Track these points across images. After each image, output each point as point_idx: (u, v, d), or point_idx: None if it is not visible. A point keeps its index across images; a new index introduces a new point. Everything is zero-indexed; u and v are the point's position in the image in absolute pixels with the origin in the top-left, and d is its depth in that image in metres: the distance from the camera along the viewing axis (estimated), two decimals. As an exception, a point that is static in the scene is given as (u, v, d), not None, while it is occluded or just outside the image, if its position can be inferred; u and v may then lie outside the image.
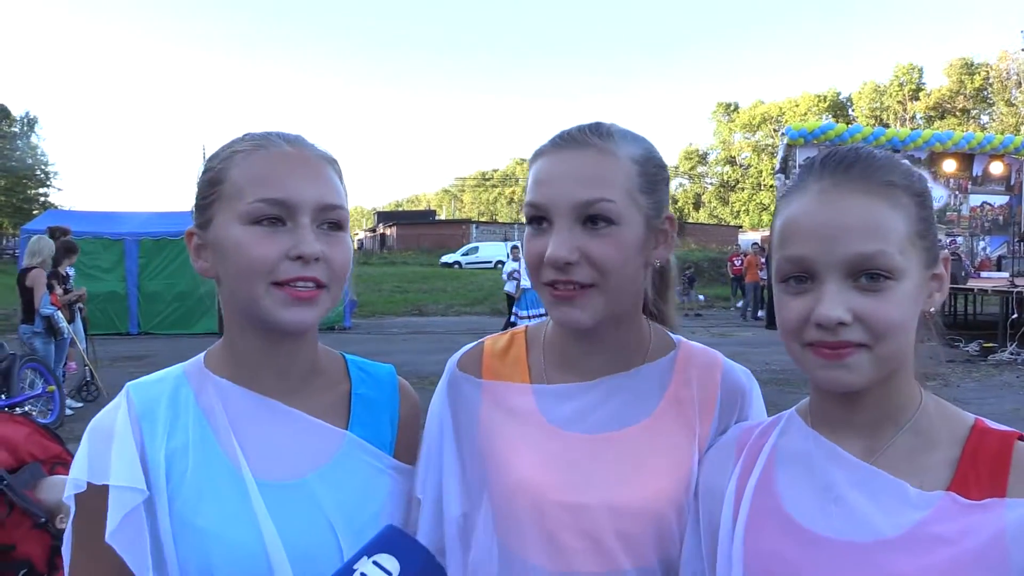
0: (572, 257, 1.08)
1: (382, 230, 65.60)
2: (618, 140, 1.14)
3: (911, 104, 59.76)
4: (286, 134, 1.13)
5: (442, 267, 39.88)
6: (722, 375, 1.22)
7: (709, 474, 1.13)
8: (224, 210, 1.06)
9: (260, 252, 1.02)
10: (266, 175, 1.05)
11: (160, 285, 15.34)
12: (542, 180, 1.13)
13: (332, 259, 1.06)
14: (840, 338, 0.91)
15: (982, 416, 1.03)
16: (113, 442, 1.05)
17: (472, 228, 56.15)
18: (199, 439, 1.07)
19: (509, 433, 1.20)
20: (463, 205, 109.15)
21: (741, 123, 71.18)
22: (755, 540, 1.01)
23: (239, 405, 1.10)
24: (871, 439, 0.99)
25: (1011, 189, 19.68)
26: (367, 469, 1.15)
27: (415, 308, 22.00)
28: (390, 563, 0.99)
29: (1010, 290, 13.47)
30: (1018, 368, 11.72)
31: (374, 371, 1.27)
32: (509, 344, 1.29)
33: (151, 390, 1.12)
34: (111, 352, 12.18)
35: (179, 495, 1.04)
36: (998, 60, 55.34)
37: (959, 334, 14.67)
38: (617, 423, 1.17)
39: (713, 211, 74.18)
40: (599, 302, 1.11)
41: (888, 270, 0.90)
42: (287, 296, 1.03)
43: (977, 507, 0.90)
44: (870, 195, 0.93)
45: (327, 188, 1.09)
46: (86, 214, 17.99)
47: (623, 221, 1.10)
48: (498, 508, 1.18)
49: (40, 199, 54.20)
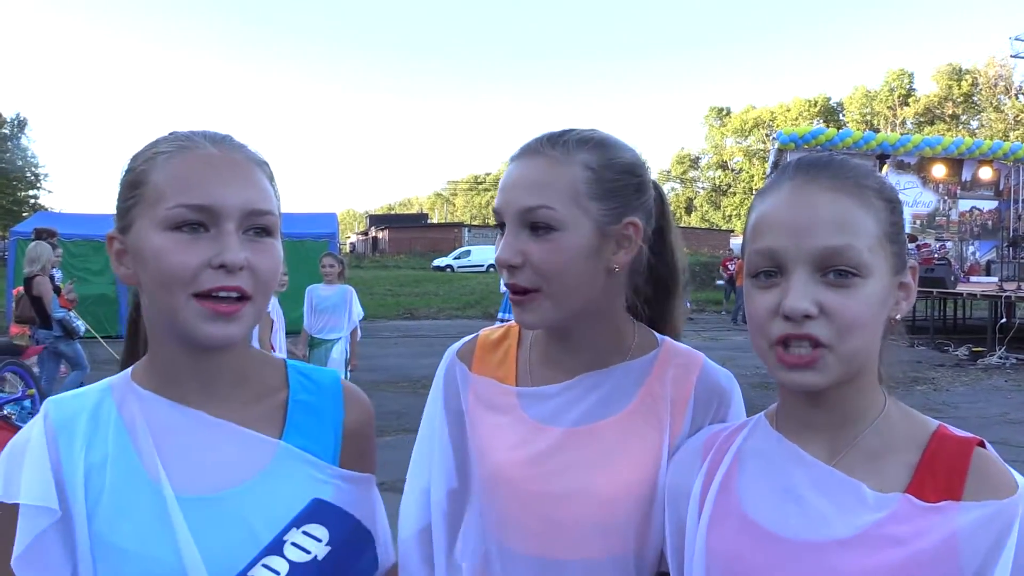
0: (514, 260, 1.14)
1: (374, 233, 65.59)
2: (573, 148, 1.17)
3: (901, 110, 60.15)
4: (213, 133, 1.06)
5: (434, 271, 39.87)
6: (699, 375, 1.24)
7: (676, 475, 1.15)
8: (144, 215, 1.00)
9: (180, 260, 0.96)
10: (188, 178, 0.99)
11: (150, 288, 15.26)
12: (501, 187, 1.20)
13: (258, 267, 1.00)
14: (804, 331, 0.92)
15: (971, 420, 1.04)
16: (25, 460, 0.99)
17: (464, 232, 56.18)
18: (118, 453, 1.01)
19: (491, 424, 1.25)
20: (455, 209, 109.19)
21: (733, 128, 71.50)
22: (716, 540, 1.03)
23: (162, 417, 1.04)
24: (833, 441, 1.00)
25: (1000, 194, 19.85)
26: (304, 479, 1.07)
27: (406, 312, 21.97)
28: (319, 531, 0.99)
29: (999, 294, 13.57)
30: (1007, 372, 11.80)
31: (317, 377, 1.19)
32: (503, 338, 1.35)
33: (71, 404, 1.06)
34: (101, 355, 12.10)
35: (97, 513, 0.98)
36: (986, 66, 55.81)
37: (948, 338, 14.77)
38: (593, 418, 1.21)
39: (705, 215, 74.43)
40: (545, 306, 1.15)
41: (856, 266, 0.92)
42: (208, 310, 0.97)
43: (931, 509, 0.91)
44: (841, 192, 0.95)
45: (254, 192, 1.02)
46: (76, 216, 17.89)
47: (565, 227, 1.13)
48: (482, 494, 1.25)
49: (30, 201, 53.88)
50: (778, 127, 45.56)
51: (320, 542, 0.98)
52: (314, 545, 0.98)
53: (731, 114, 72.89)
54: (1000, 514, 0.89)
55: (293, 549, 0.98)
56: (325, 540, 0.99)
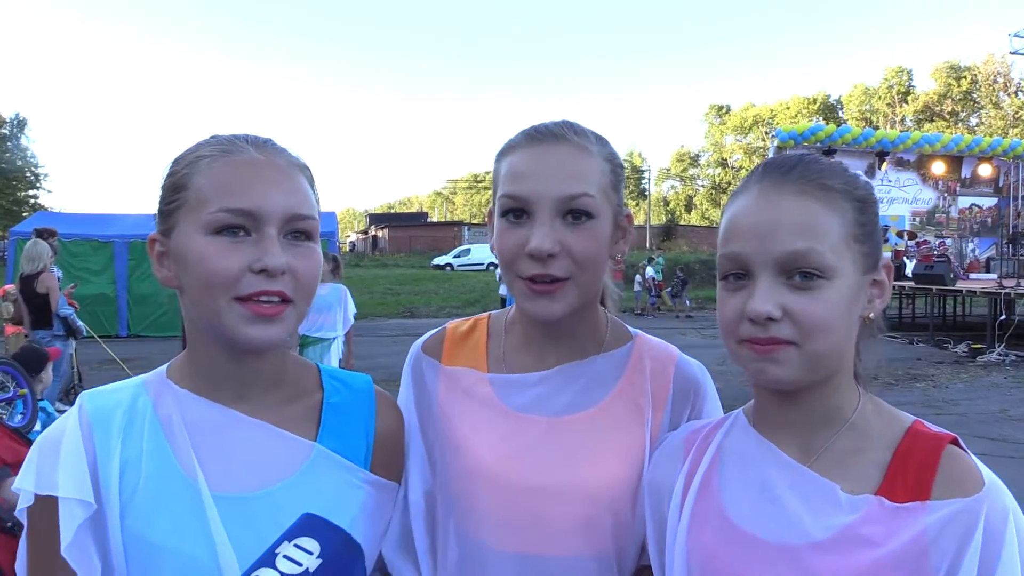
0: (555, 249, 1.11)
1: (374, 232, 65.56)
2: (591, 138, 1.18)
3: (900, 107, 60.13)
4: (255, 137, 1.07)
5: (434, 269, 39.86)
6: (675, 368, 1.26)
7: (656, 471, 1.16)
8: (186, 218, 1.00)
9: (222, 264, 0.97)
10: (231, 183, 1.00)
11: (150, 287, 15.24)
12: (522, 173, 1.14)
13: (299, 272, 1.01)
14: (770, 333, 0.94)
15: (970, 417, 1.05)
16: (61, 452, 1.00)
17: (464, 230, 56.15)
18: (154, 449, 1.02)
19: (466, 416, 1.23)
20: (455, 207, 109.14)
21: (732, 125, 71.48)
22: (696, 539, 1.04)
23: (199, 415, 1.05)
24: (807, 440, 1.01)
25: (999, 191, 19.85)
26: (337, 482, 1.08)
27: (406, 310, 21.98)
28: (310, 544, 1.00)
29: (998, 291, 13.57)
30: (1006, 369, 11.81)
31: (350, 381, 1.20)
32: (471, 329, 1.33)
33: (107, 399, 1.07)
34: (100, 355, 12.11)
35: (131, 508, 0.99)
36: (984, 63, 55.78)
37: (948, 335, 14.77)
38: (575, 408, 1.21)
39: (705, 213, 74.39)
40: (573, 295, 1.14)
41: (819, 269, 0.93)
42: (250, 312, 0.98)
43: (901, 510, 0.92)
44: (805, 195, 0.96)
45: (296, 197, 1.03)
46: (76, 216, 17.92)
47: (599, 215, 1.14)
48: (455, 491, 1.20)
49: (30, 201, 53.88)
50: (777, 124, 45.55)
51: (311, 555, 0.99)
52: (306, 558, 0.99)
53: (731, 112, 72.85)
54: (965, 512, 0.90)
55: (285, 562, 0.98)
56: (316, 553, 0.99)
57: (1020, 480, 0.97)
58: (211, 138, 1.07)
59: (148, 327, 15.32)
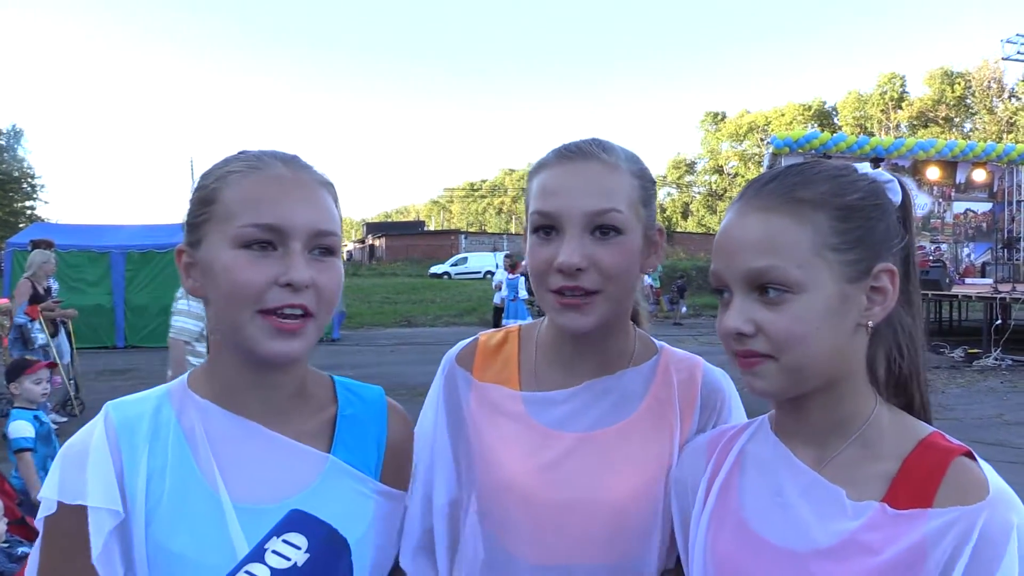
0: (584, 264, 1.13)
1: (371, 241, 65.51)
2: (620, 155, 1.21)
3: (895, 113, 60.37)
4: (283, 154, 1.10)
5: (431, 278, 39.85)
6: (702, 378, 1.28)
7: (681, 470, 1.18)
8: (215, 231, 1.03)
9: (248, 277, 1.00)
10: (259, 198, 1.03)
11: (147, 298, 15.23)
12: (551, 190, 1.18)
13: (322, 286, 1.04)
14: (746, 347, 0.97)
15: (966, 422, 1.05)
16: (88, 461, 1.02)
17: (461, 239, 56.19)
18: (178, 460, 1.05)
19: (498, 431, 1.25)
20: (452, 216, 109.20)
21: (728, 132, 71.63)
22: (714, 541, 1.06)
23: (220, 427, 1.08)
24: (820, 448, 1.02)
25: (994, 196, 19.92)
26: (350, 493, 1.12)
27: (404, 319, 21.96)
28: (298, 539, 1.02)
29: (994, 296, 13.60)
30: (1002, 373, 11.83)
31: (363, 392, 1.24)
32: (503, 341, 1.35)
33: (132, 409, 1.09)
34: (97, 366, 12.08)
35: (155, 518, 1.01)
36: (978, 69, 56.04)
37: (944, 340, 14.80)
38: (604, 423, 1.23)
39: (701, 220, 74.49)
40: (603, 308, 1.16)
41: (784, 284, 0.94)
42: (273, 327, 1.01)
43: (902, 517, 0.93)
44: (770, 211, 0.97)
45: (321, 213, 1.06)
46: (72, 227, 17.88)
47: (628, 231, 1.16)
48: (485, 502, 1.23)
49: (27, 212, 53.79)
50: (772, 132, 45.69)
51: (299, 549, 1.01)
52: (294, 552, 1.01)
53: (726, 119, 73.04)
54: (962, 519, 0.89)
55: (274, 556, 1.00)
56: (304, 548, 1.01)
57: (1017, 484, 0.98)
58: (240, 153, 1.10)
59: (145, 338, 15.26)
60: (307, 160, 1.13)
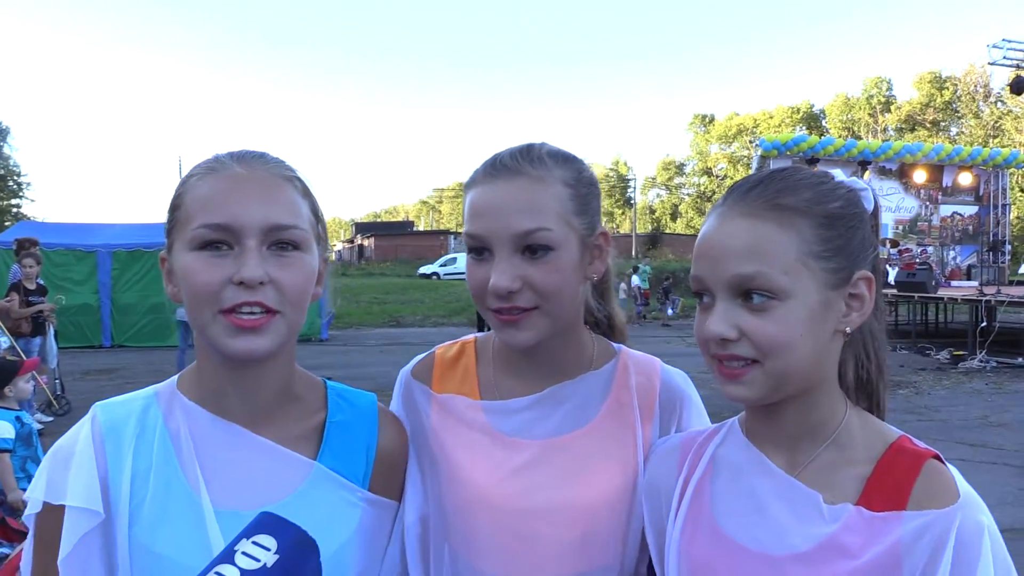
0: (514, 286, 1.12)
1: (360, 241, 65.42)
2: (550, 165, 1.16)
3: (882, 116, 60.77)
4: (244, 153, 1.10)
5: (420, 278, 39.80)
6: (661, 380, 1.27)
7: (654, 475, 1.17)
8: (179, 236, 1.04)
9: (204, 278, 1.00)
10: (211, 199, 1.03)
11: (133, 297, 15.16)
12: (479, 211, 1.15)
13: (282, 282, 1.02)
14: (728, 352, 0.96)
15: (951, 423, 1.06)
16: (73, 462, 1.03)
17: (450, 239, 56.21)
18: (162, 462, 1.05)
19: (460, 441, 1.23)
20: (441, 216, 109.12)
21: (717, 134, 71.97)
22: (688, 545, 1.06)
23: (205, 430, 1.08)
24: (793, 452, 1.03)
25: (980, 200, 20.10)
26: (335, 501, 1.11)
27: (392, 319, 21.92)
28: (267, 541, 1.02)
29: (979, 299, 13.72)
30: (987, 375, 11.93)
31: (355, 399, 1.22)
32: (459, 354, 1.33)
33: (119, 410, 1.09)
34: (83, 365, 12.00)
35: (138, 518, 1.02)
36: (964, 74, 56.52)
37: (930, 342, 14.91)
38: (564, 429, 1.22)
39: (690, 222, 74.75)
40: (542, 323, 1.15)
41: (770, 290, 0.94)
42: (232, 325, 1.00)
43: (878, 519, 0.94)
44: (755, 217, 0.97)
45: (277, 208, 1.04)
46: (59, 226, 17.76)
47: (560, 246, 1.13)
48: (450, 518, 1.21)
49: (12, 210, 53.37)
50: (761, 134, 45.91)
51: (269, 551, 1.01)
52: (263, 554, 1.01)
53: (715, 121, 73.38)
54: (937, 523, 0.91)
55: (243, 558, 1.00)
56: (273, 549, 1.01)
57: (1000, 485, 0.99)
58: (208, 158, 1.10)
59: (131, 337, 15.19)
60: (277, 156, 1.12)
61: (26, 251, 8.55)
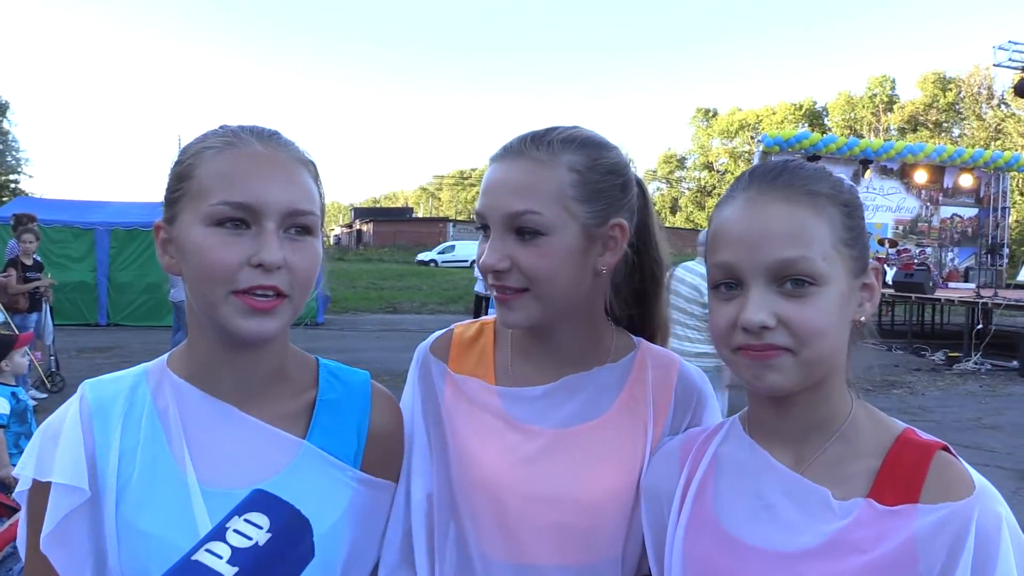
0: (502, 265, 1.13)
1: (359, 226, 65.28)
2: (557, 149, 1.15)
3: (884, 116, 60.63)
4: (261, 130, 1.08)
5: (418, 265, 39.75)
6: (678, 376, 1.26)
7: (653, 477, 1.16)
8: (189, 208, 1.01)
9: (220, 257, 0.98)
10: (232, 175, 1.00)
11: (130, 276, 15.11)
12: (483, 189, 1.18)
13: (295, 267, 1.02)
14: (764, 341, 0.94)
15: (945, 425, 1.06)
16: (60, 439, 1.02)
17: (449, 227, 56.05)
18: (149, 440, 1.04)
19: (472, 423, 1.23)
20: (440, 203, 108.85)
21: (719, 129, 71.76)
22: (691, 546, 1.05)
23: (194, 408, 1.07)
24: (801, 447, 1.02)
25: (980, 202, 20.07)
26: (324, 480, 1.09)
27: (389, 305, 21.89)
28: (260, 519, 1.01)
29: (976, 301, 13.72)
30: (981, 378, 11.95)
31: (347, 377, 1.21)
32: (478, 334, 1.33)
33: (107, 388, 1.08)
34: (78, 343, 11.98)
35: (125, 496, 1.01)
36: (969, 75, 56.36)
37: (926, 343, 14.93)
38: (577, 420, 1.21)
39: (690, 216, 74.64)
40: (533, 306, 1.15)
41: (811, 276, 0.93)
42: (246, 306, 0.99)
43: (891, 513, 0.93)
44: (793, 203, 0.95)
45: (297, 192, 1.04)
46: (57, 202, 17.68)
47: (552, 231, 1.13)
48: (457, 499, 1.21)
49: (10, 186, 53.12)
50: (763, 130, 45.82)
51: (261, 529, 1.00)
52: (255, 532, 1.00)
53: (717, 116, 73.15)
54: (956, 516, 0.90)
55: (235, 535, 0.99)
56: (266, 528, 1.01)
57: (994, 487, 0.98)
58: (219, 128, 1.08)
59: (128, 316, 15.15)
60: (288, 137, 1.10)
61: (25, 226, 8.52)
